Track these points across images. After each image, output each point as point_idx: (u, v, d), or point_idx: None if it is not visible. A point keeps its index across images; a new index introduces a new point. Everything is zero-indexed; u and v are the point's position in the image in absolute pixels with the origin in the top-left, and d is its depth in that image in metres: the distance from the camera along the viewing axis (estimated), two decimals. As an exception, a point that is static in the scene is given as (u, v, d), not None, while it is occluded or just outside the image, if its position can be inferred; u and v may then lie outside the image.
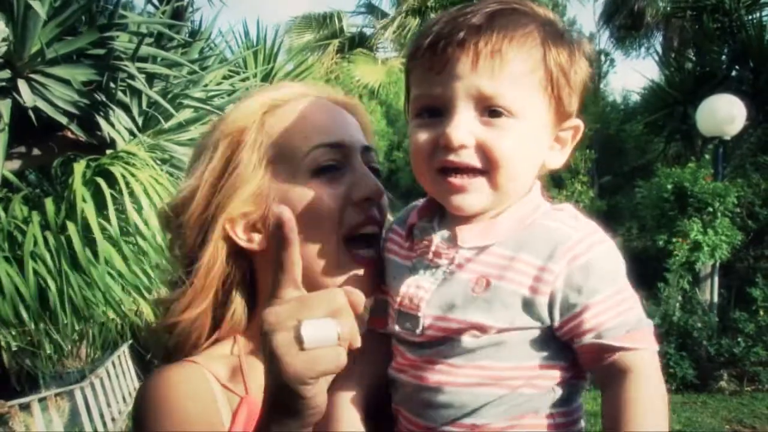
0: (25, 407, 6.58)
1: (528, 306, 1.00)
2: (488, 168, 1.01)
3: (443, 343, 1.03)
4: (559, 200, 14.93)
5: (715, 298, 12.01)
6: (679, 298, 11.76)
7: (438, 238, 1.08)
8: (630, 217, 17.76)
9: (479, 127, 1.00)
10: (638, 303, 1.02)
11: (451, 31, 1.00)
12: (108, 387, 9.39)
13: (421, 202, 1.15)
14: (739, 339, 11.15)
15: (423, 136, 1.03)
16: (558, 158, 1.12)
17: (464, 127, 0.99)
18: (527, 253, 1.00)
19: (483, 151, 1.00)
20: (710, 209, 11.35)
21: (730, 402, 10.52)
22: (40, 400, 6.77)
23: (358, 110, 1.36)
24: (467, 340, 1.01)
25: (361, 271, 1.19)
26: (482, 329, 1.00)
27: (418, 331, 1.05)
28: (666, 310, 11.56)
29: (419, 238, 1.10)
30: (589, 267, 0.99)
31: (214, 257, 1.23)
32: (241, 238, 1.23)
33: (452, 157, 1.00)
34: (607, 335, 0.98)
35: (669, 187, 11.61)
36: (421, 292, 1.05)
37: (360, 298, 0.91)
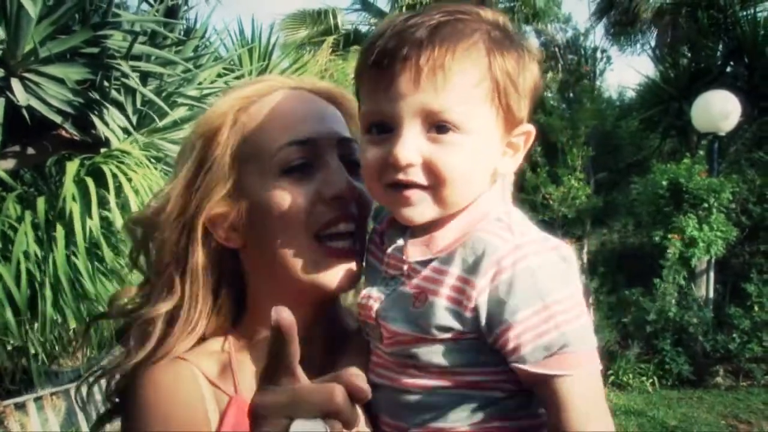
0: (21, 407, 6.56)
1: (458, 318, 0.99)
2: (434, 184, 1.01)
3: (405, 347, 1.04)
4: (556, 196, 14.97)
5: (711, 294, 12.02)
6: (675, 294, 11.77)
7: (392, 249, 1.09)
8: (626, 214, 17.75)
9: (426, 144, 1.00)
10: (571, 320, 0.96)
11: (395, 47, 0.99)
12: (104, 386, 9.36)
13: None
14: (735, 335, 11.16)
15: (372, 154, 1.04)
16: (511, 164, 1.11)
17: (411, 146, 0.99)
18: (455, 266, 1.00)
19: (429, 168, 1.00)
20: (705, 205, 11.36)
21: (726, 397, 10.54)
22: (36, 400, 6.74)
23: (344, 99, 1.33)
24: (424, 346, 1.02)
25: (338, 264, 1.17)
26: (426, 341, 1.00)
27: (376, 340, 1.08)
28: (662, 306, 11.58)
29: (387, 245, 1.12)
30: (512, 283, 0.95)
31: (200, 258, 1.23)
32: (221, 237, 1.24)
33: (400, 176, 1.01)
34: (525, 360, 0.95)
35: (664, 183, 11.61)
36: (371, 302, 1.08)
37: (363, 384, 0.82)
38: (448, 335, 0.99)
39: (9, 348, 5.14)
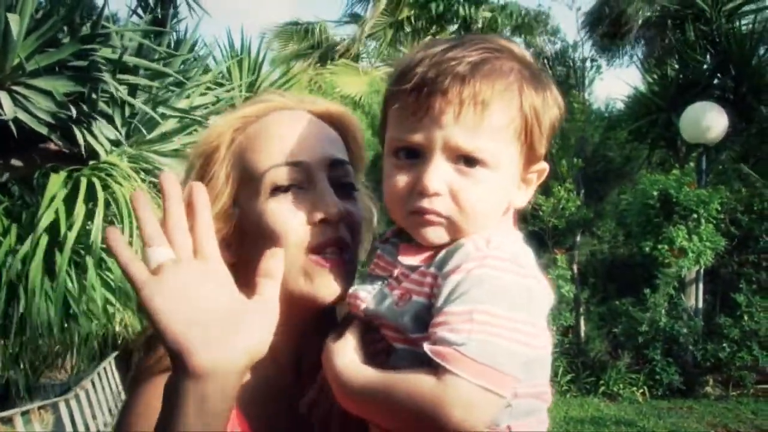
0: (8, 421, 6.51)
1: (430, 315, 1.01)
2: (457, 214, 1.03)
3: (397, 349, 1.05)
4: (546, 207, 15.02)
5: (701, 304, 12.09)
6: (665, 304, 11.83)
7: (382, 250, 1.13)
8: (616, 225, 17.85)
9: (453, 175, 1.02)
10: (489, 333, 0.94)
11: (436, 78, 1.00)
12: (93, 399, 9.30)
13: None
14: (724, 344, 11.23)
15: (400, 179, 1.06)
16: (523, 198, 1.14)
17: (440, 176, 1.02)
18: (434, 266, 1.03)
19: (455, 199, 1.03)
20: (695, 216, 11.43)
21: (715, 407, 10.58)
22: (23, 413, 6.69)
23: (343, 121, 1.34)
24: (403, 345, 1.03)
25: (328, 273, 1.18)
26: (402, 335, 1.02)
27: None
28: (652, 317, 11.63)
29: (381, 248, 1.15)
30: (460, 283, 0.97)
31: None
32: None
33: (425, 204, 1.03)
34: (428, 342, 0.95)
35: (654, 194, 11.68)
36: (358, 302, 1.10)
37: None
38: (419, 333, 0.99)
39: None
